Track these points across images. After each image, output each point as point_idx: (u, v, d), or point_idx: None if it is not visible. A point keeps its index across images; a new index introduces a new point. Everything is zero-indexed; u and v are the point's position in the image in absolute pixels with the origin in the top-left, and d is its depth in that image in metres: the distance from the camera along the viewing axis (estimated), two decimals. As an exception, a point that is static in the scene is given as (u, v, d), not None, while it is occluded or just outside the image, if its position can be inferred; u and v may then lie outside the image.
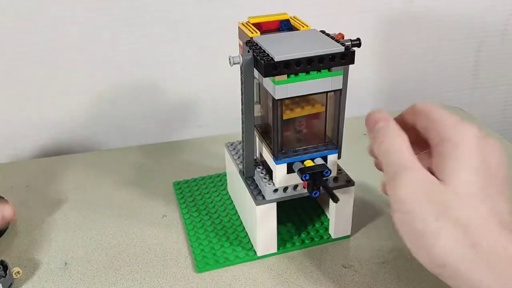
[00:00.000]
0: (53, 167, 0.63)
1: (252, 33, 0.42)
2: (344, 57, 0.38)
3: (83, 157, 0.66)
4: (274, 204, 0.44)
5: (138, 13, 0.66)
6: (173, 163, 0.64)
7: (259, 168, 0.46)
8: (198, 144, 0.68)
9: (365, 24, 0.75)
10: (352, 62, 0.39)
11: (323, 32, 0.42)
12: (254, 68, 0.40)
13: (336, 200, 0.41)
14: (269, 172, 0.45)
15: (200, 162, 0.63)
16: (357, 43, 0.42)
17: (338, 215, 0.48)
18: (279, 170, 0.42)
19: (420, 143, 0.37)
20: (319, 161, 0.43)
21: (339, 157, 0.45)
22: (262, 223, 0.45)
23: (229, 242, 0.49)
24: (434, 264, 0.32)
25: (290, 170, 0.42)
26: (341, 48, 0.38)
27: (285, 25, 0.45)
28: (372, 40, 0.76)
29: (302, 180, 0.41)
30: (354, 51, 0.38)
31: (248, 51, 0.40)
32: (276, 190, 0.43)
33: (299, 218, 0.51)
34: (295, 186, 0.44)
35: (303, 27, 0.44)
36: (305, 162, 0.42)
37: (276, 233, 0.46)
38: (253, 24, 0.44)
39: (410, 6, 0.75)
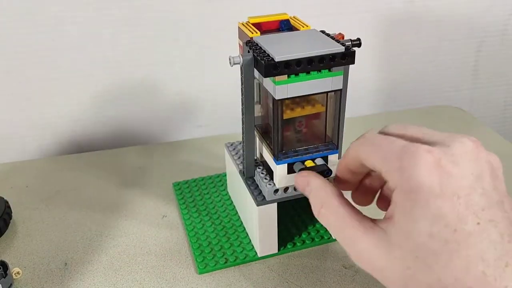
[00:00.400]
0: (53, 167, 0.63)
1: (252, 33, 0.42)
2: (344, 57, 0.38)
3: (83, 157, 0.66)
4: (275, 205, 0.44)
5: (138, 13, 0.66)
6: (173, 163, 0.64)
7: (259, 168, 0.46)
8: (198, 144, 0.68)
9: (365, 24, 0.75)
10: (353, 62, 0.38)
11: (323, 32, 0.42)
12: (254, 68, 0.40)
13: None
14: (270, 173, 0.45)
15: (200, 162, 0.63)
16: (357, 43, 0.42)
17: None
18: (280, 171, 0.42)
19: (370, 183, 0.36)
20: (319, 161, 0.42)
21: (339, 157, 0.45)
22: (262, 224, 0.45)
23: (229, 243, 0.48)
24: None
25: (290, 171, 0.42)
26: (341, 48, 0.38)
27: (285, 25, 0.45)
28: (372, 40, 0.76)
29: None
30: (354, 51, 0.38)
31: (248, 51, 0.40)
32: (276, 191, 0.43)
33: (300, 218, 0.51)
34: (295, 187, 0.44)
35: (303, 27, 0.44)
36: (306, 163, 0.42)
37: (277, 234, 0.46)
38: (253, 24, 0.44)
39: (410, 6, 0.75)
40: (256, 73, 0.41)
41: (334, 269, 0.45)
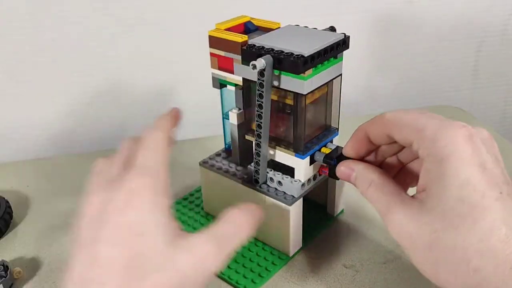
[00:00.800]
0: (53, 167, 0.63)
1: (240, 38, 0.41)
2: (344, 43, 0.41)
3: (83, 157, 0.66)
4: (301, 200, 0.44)
5: (138, 13, 0.66)
6: (173, 163, 0.63)
7: (270, 171, 0.45)
8: (198, 144, 0.68)
9: (365, 24, 0.75)
10: (348, 47, 0.42)
11: (298, 25, 0.45)
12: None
13: None
14: (280, 171, 0.45)
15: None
16: (334, 31, 0.44)
17: (338, 191, 0.50)
18: (305, 164, 0.43)
19: (393, 160, 0.38)
20: (330, 145, 0.44)
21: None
22: (294, 222, 0.44)
23: (252, 255, 0.46)
24: (441, 283, 0.30)
25: (311, 162, 0.44)
26: (342, 36, 0.41)
27: (251, 26, 0.45)
28: (372, 40, 0.76)
29: (331, 165, 0.42)
30: (349, 37, 0.42)
31: (261, 54, 0.39)
32: (303, 185, 0.44)
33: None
34: (314, 176, 0.45)
35: (274, 24, 0.45)
36: (322, 150, 0.43)
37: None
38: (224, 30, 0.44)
39: (410, 6, 0.75)
40: (253, 76, 0.40)
41: (334, 268, 0.45)
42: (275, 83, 0.40)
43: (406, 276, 0.44)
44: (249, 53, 0.40)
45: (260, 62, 0.38)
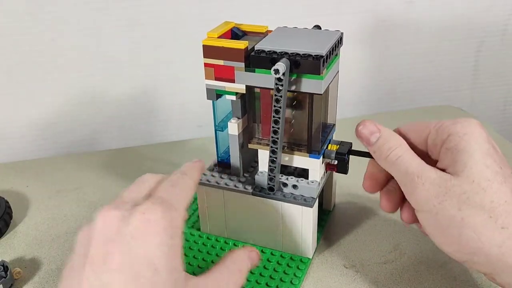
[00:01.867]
0: (53, 167, 0.63)
1: (242, 44, 0.40)
2: (341, 40, 0.43)
3: (83, 157, 0.66)
4: (317, 199, 0.44)
5: (138, 13, 0.66)
6: (173, 163, 0.64)
7: (281, 176, 0.44)
8: (198, 144, 0.68)
9: (365, 24, 0.75)
10: (343, 43, 0.43)
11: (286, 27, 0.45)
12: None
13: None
14: (288, 174, 0.45)
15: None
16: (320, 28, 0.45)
17: (334, 187, 0.51)
18: (320, 163, 0.43)
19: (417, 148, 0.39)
20: (334, 142, 0.45)
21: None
22: (314, 222, 0.44)
23: (275, 265, 0.45)
24: (463, 253, 0.33)
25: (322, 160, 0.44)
26: (340, 33, 0.42)
27: (238, 32, 0.45)
28: (372, 40, 0.76)
29: (345, 160, 0.43)
30: (343, 33, 0.43)
31: (274, 59, 0.39)
32: (318, 184, 0.44)
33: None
34: (324, 174, 0.45)
35: (260, 28, 0.45)
36: (329, 147, 0.44)
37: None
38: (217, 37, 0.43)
39: (410, 6, 0.75)
40: (262, 83, 0.40)
41: (334, 269, 0.45)
42: (292, 87, 0.40)
43: (406, 276, 0.44)
44: (260, 59, 0.39)
45: (282, 66, 0.37)
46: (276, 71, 0.37)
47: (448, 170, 0.34)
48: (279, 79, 0.38)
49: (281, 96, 0.39)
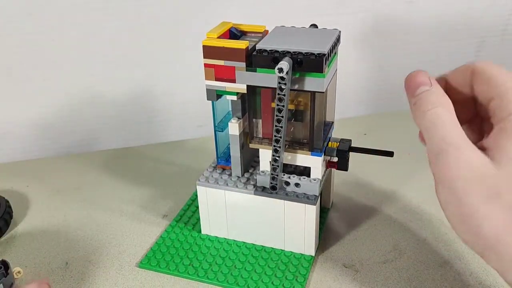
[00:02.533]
0: (53, 167, 0.63)
1: (243, 44, 0.40)
2: (339, 38, 0.43)
3: (83, 157, 0.66)
4: (319, 197, 0.45)
5: (138, 13, 0.66)
6: (173, 163, 0.64)
7: (284, 175, 0.44)
8: (198, 144, 0.68)
9: (365, 24, 0.75)
10: (340, 42, 0.44)
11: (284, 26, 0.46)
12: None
13: (391, 154, 0.44)
14: (289, 173, 0.45)
15: (200, 162, 0.63)
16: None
17: (332, 184, 0.51)
18: (322, 161, 0.43)
19: (465, 109, 0.35)
20: (334, 139, 0.45)
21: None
22: (316, 220, 0.45)
23: (281, 266, 0.45)
24: (479, 246, 0.30)
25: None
26: (338, 31, 0.43)
27: (236, 31, 0.45)
28: (372, 40, 0.76)
29: (346, 158, 0.44)
30: (341, 32, 0.44)
31: (276, 58, 0.39)
32: (320, 182, 0.44)
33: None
34: (325, 172, 0.46)
35: (259, 28, 0.45)
36: (329, 145, 0.45)
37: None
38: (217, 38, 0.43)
39: (410, 6, 0.75)
40: (263, 82, 0.40)
41: (334, 268, 0.45)
42: (295, 86, 0.40)
43: (406, 276, 0.44)
44: (262, 58, 0.40)
45: (285, 65, 0.38)
46: (280, 70, 0.37)
47: (490, 153, 0.30)
48: (282, 78, 0.38)
49: (284, 95, 0.39)
